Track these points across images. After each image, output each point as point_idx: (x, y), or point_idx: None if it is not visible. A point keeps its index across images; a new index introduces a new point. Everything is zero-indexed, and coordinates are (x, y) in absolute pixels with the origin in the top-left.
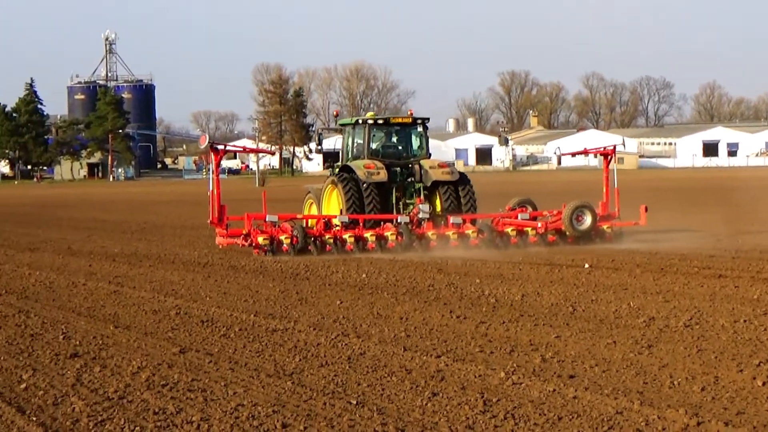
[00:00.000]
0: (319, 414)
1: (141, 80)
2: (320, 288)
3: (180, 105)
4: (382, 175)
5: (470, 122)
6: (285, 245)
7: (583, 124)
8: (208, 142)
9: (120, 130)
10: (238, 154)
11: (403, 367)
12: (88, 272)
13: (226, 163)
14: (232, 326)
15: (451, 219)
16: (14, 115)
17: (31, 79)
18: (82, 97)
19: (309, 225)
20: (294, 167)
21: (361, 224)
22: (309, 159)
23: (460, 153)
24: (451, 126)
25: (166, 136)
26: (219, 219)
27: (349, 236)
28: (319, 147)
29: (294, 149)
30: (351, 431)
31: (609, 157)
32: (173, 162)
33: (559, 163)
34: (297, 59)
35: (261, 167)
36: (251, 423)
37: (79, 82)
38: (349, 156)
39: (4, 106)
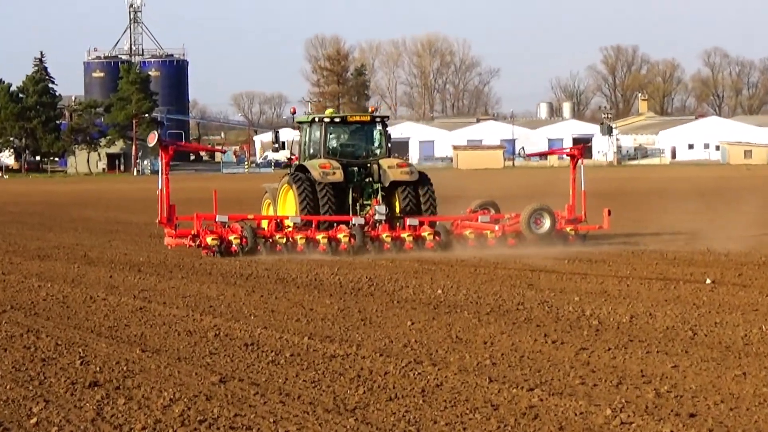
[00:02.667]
0: None
1: (171, 55)
2: (387, 306)
3: (218, 85)
4: (338, 176)
5: (566, 107)
6: (234, 246)
7: (702, 110)
8: (157, 141)
9: (146, 115)
10: (287, 144)
11: (489, 401)
12: (109, 285)
13: (272, 156)
14: (281, 351)
15: (408, 221)
16: (20, 96)
17: (41, 53)
18: (101, 74)
19: (261, 225)
20: None
21: (314, 225)
22: None
23: (553, 143)
24: (543, 111)
25: (201, 122)
26: (168, 219)
27: (300, 237)
28: (276, 145)
29: None
30: None
31: (576, 158)
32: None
33: (674, 156)
34: (358, 31)
35: None
36: None
37: (98, 57)
38: (306, 155)
39: (9, 85)
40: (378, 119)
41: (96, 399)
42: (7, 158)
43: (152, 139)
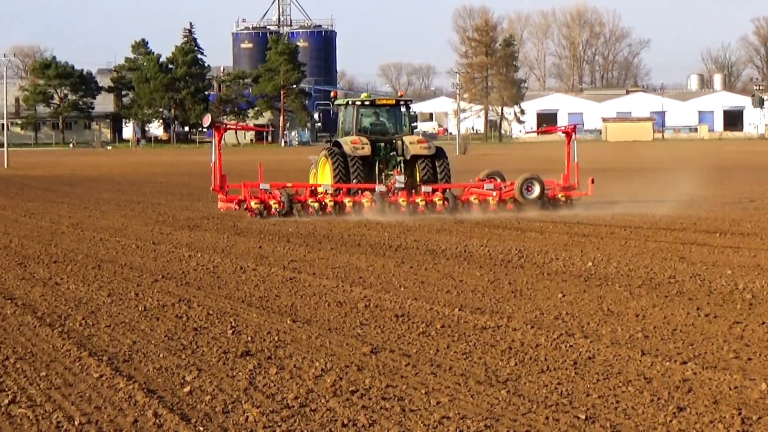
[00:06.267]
0: (541, 430)
1: (320, 26)
2: (537, 278)
3: (365, 56)
4: (366, 150)
5: (717, 79)
6: (273, 209)
7: None
8: (211, 122)
9: (294, 86)
10: (434, 115)
11: (642, 374)
12: (259, 255)
13: (421, 126)
14: (432, 322)
15: (423, 188)
16: (170, 66)
17: (191, 24)
18: (250, 45)
19: (298, 192)
20: (502, 131)
21: (343, 192)
22: (520, 122)
23: (704, 116)
24: (693, 83)
25: (349, 93)
26: (220, 187)
27: (330, 201)
28: (318, 123)
29: (502, 110)
30: None
31: (570, 134)
32: None
33: None
34: (507, 1)
35: (463, 131)
36: None
37: (246, 28)
38: (342, 133)
39: (158, 56)
40: (402, 102)
41: (248, 368)
42: (156, 129)
43: (206, 121)
